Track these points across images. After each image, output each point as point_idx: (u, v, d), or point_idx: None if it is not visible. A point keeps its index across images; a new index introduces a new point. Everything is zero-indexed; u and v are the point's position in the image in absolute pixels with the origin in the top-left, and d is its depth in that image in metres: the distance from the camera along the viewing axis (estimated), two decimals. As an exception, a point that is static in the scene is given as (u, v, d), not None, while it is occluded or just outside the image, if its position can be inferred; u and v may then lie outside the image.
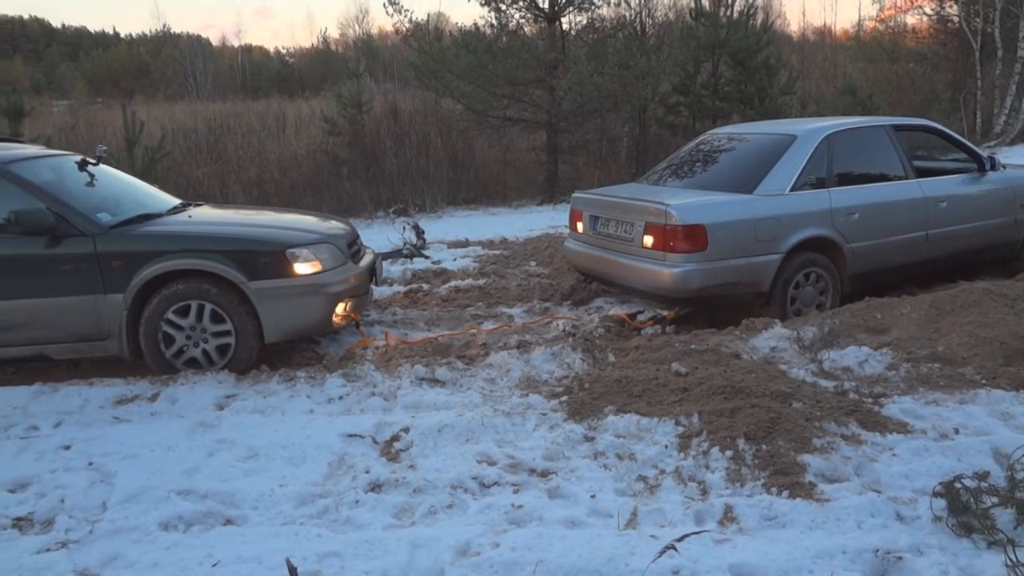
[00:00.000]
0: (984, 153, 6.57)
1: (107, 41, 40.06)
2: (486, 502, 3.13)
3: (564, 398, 4.11)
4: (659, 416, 3.73)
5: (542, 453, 3.52)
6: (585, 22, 14.13)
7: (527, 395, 4.20)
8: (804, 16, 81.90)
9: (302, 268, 4.89)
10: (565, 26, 14.06)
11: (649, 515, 3.00)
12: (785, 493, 3.07)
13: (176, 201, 5.79)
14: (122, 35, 43.43)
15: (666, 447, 3.49)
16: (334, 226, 5.59)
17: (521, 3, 13.56)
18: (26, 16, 43.46)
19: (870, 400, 3.88)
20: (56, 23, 44.24)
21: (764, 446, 3.38)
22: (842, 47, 27.73)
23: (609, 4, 14.14)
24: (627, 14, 15.37)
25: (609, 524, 2.94)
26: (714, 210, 5.29)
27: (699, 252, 5.15)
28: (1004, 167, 6.67)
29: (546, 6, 13.63)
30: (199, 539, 2.92)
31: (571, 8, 13.74)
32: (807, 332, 4.77)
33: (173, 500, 3.17)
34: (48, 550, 2.87)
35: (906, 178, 6.02)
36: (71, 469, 3.48)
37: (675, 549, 2.64)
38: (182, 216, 5.40)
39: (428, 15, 21.29)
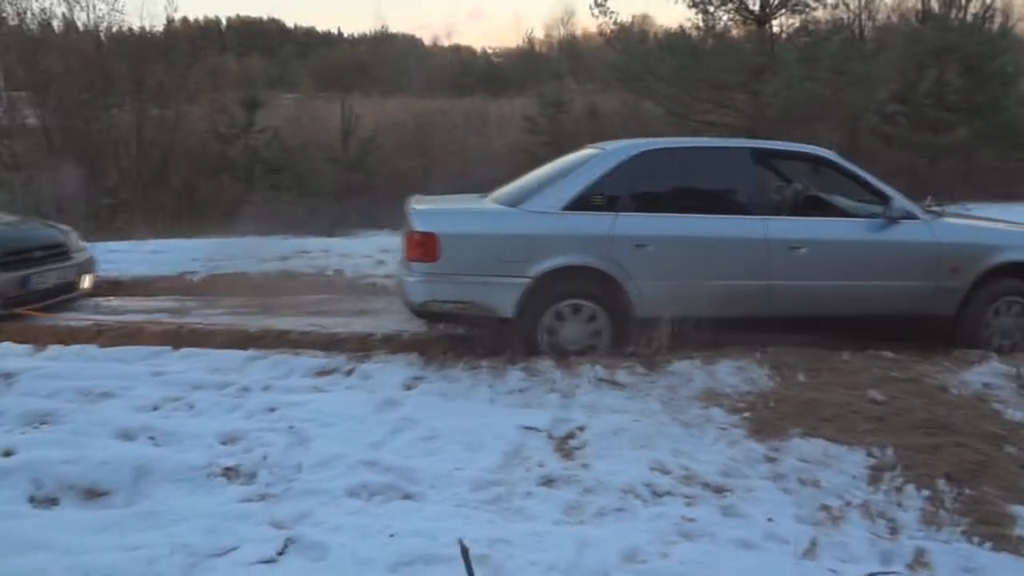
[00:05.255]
0: (897, 196, 5.07)
1: (332, 41, 43.31)
2: (657, 511, 3.08)
3: (747, 414, 3.96)
4: (849, 444, 3.51)
5: (719, 468, 3.42)
6: (797, 25, 13.51)
7: (708, 407, 4.09)
8: (1053, 20, 73.66)
9: None
10: (775, 29, 13.52)
11: (830, 547, 2.83)
12: (988, 544, 2.79)
13: None
14: (345, 35, 46.78)
15: (854, 477, 3.29)
16: None
17: (730, 4, 13.18)
18: (265, 17, 48.04)
19: (1103, 453, 3.45)
20: (289, 23, 48.31)
21: (968, 490, 3.10)
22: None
23: (825, 6, 13.42)
24: (845, 17, 14.56)
25: (785, 551, 2.80)
26: (450, 219, 4.91)
27: (429, 263, 4.71)
28: (940, 213, 5.24)
29: (756, 8, 13.17)
30: (380, 509, 3.07)
31: (783, 10, 13.18)
32: (1030, 370, 4.32)
33: (359, 470, 3.34)
34: (249, 500, 3.12)
35: (746, 213, 4.97)
36: (274, 430, 3.75)
37: (857, 586, 2.48)
38: None
39: (633, 17, 21.23)
